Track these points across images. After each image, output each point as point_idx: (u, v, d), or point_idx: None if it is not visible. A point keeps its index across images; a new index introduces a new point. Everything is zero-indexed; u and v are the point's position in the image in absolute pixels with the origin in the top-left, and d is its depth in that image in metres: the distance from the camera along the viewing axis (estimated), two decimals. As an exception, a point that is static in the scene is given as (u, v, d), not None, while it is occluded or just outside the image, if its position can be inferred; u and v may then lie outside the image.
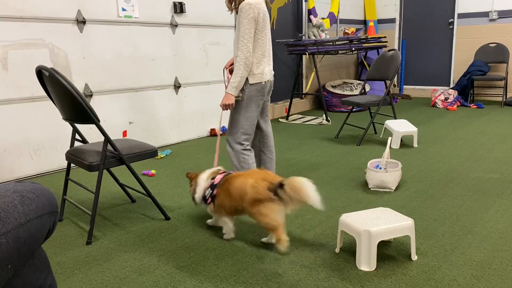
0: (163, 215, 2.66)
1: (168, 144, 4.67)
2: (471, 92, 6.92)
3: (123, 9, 4.10)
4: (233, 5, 2.74)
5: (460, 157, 3.86)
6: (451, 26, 7.51)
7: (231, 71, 2.88)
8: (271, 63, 2.82)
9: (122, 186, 2.94)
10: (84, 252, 2.26)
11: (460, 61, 7.45)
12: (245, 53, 2.60)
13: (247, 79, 2.70)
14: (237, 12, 2.71)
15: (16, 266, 1.02)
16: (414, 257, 2.08)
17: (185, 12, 4.65)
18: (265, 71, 2.74)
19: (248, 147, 2.83)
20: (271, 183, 2.09)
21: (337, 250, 2.18)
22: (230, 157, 2.85)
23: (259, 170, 2.30)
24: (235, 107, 2.74)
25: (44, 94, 3.39)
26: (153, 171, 3.58)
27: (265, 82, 2.74)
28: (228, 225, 2.31)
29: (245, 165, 2.80)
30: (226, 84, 2.77)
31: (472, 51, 7.20)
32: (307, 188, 1.97)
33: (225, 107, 2.69)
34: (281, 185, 2.03)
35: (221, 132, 4.68)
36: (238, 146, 2.80)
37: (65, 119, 2.46)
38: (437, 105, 6.72)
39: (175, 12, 4.56)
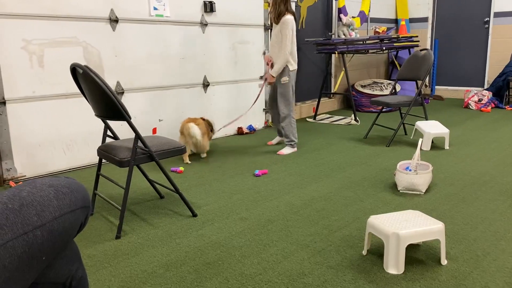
0: (191, 211, 2.69)
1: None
2: (507, 93, 6.70)
3: (155, 8, 4.16)
4: (277, 18, 3.97)
5: (494, 160, 3.75)
6: (486, 25, 7.30)
7: (272, 66, 4.16)
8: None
9: (151, 182, 2.99)
10: (113, 246, 2.31)
11: (496, 61, 7.23)
12: (288, 51, 3.95)
13: (287, 67, 4.01)
14: (277, 23, 4.00)
15: (50, 258, 1.05)
16: (444, 261, 2.04)
17: (215, 11, 4.68)
18: (294, 64, 4.06)
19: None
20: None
21: (364, 252, 2.16)
22: (286, 124, 4.12)
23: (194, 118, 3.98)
24: (285, 88, 4.05)
25: (78, 91, 3.49)
26: (181, 168, 3.63)
27: (295, 70, 4.08)
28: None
29: (294, 125, 4.17)
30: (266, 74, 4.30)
31: (508, 51, 6.97)
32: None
33: (269, 83, 4.17)
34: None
35: (247, 131, 5.27)
36: (291, 116, 4.13)
37: (98, 115, 2.51)
38: (470, 107, 6.54)
39: (205, 11, 4.60)
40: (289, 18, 3.89)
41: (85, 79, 2.32)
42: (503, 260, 2.05)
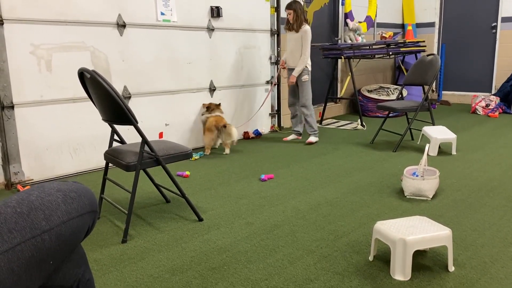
0: (197, 216, 2.70)
1: (202, 146, 4.72)
2: (515, 98, 6.66)
3: (162, 13, 4.19)
4: (299, 27, 4.54)
5: (502, 166, 3.72)
6: (494, 30, 7.27)
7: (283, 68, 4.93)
8: None
9: (157, 186, 2.99)
10: (119, 250, 2.32)
11: (503, 66, 7.19)
12: (308, 56, 4.62)
13: (307, 67, 4.65)
14: (297, 31, 4.56)
15: (58, 262, 1.05)
16: (451, 268, 2.02)
17: (221, 16, 4.70)
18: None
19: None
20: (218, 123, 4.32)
21: (370, 258, 2.14)
22: (308, 115, 4.73)
23: (218, 116, 4.44)
24: (306, 84, 4.68)
25: (85, 95, 3.49)
26: (187, 173, 3.64)
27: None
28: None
29: (314, 118, 4.79)
30: (275, 78, 5.45)
31: (516, 56, 6.93)
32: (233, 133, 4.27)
33: (291, 83, 4.73)
34: (224, 126, 4.31)
35: (254, 136, 5.30)
36: (312, 107, 4.76)
37: (105, 120, 2.53)
38: (477, 112, 6.50)
39: (212, 16, 4.62)
40: (308, 27, 4.55)
41: (92, 83, 2.34)
42: (511, 267, 2.03)
